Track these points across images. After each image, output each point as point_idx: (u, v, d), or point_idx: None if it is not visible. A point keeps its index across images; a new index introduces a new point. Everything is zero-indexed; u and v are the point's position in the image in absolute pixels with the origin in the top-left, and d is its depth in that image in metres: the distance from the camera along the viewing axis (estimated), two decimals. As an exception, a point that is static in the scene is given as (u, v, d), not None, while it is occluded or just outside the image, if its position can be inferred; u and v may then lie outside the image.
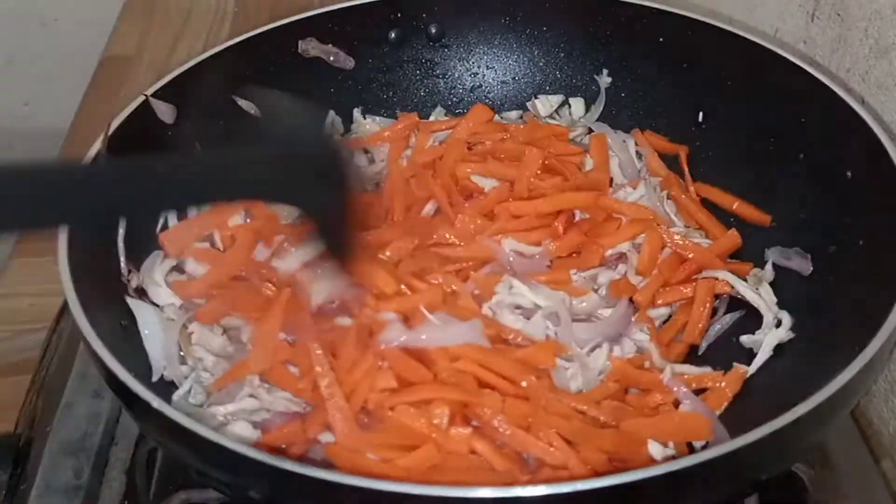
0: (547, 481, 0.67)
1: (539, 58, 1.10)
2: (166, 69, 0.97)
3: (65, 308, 0.98)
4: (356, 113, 1.09)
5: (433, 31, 1.10)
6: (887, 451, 0.89)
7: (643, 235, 0.91)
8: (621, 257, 0.92)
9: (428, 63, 1.11)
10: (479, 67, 1.12)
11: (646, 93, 1.06)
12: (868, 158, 0.82)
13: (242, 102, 1.02)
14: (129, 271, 0.86)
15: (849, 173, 0.85)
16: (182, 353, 0.84)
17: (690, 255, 0.91)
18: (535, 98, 1.10)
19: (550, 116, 1.09)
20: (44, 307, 1.03)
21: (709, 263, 0.90)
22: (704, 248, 0.91)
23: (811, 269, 0.88)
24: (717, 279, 0.89)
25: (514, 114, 1.11)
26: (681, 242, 0.91)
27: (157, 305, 0.86)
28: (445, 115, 1.11)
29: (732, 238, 0.93)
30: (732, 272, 0.90)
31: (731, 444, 0.61)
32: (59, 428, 0.87)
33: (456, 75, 1.12)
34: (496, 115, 1.10)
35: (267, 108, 0.66)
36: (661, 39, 1.03)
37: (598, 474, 0.70)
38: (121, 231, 0.86)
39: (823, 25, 0.99)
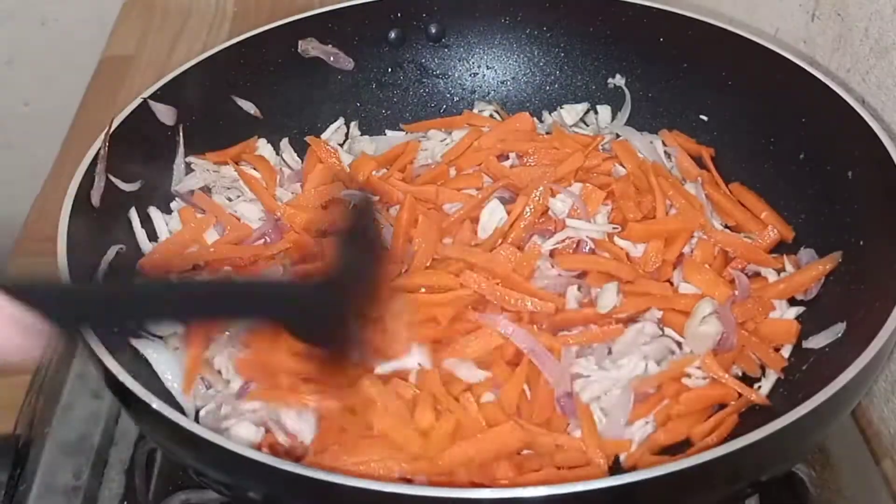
0: (546, 482, 0.67)
1: (539, 57, 1.10)
2: (166, 69, 0.97)
3: (64, 308, 0.98)
4: (353, 127, 1.09)
5: (433, 31, 1.10)
6: (887, 451, 0.89)
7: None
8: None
9: (428, 63, 1.11)
10: (479, 67, 1.12)
11: (645, 93, 1.06)
12: (868, 158, 0.82)
13: (242, 102, 1.02)
14: None
15: (849, 173, 0.85)
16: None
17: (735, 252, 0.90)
18: (561, 107, 1.09)
19: (576, 125, 1.08)
20: (43, 307, 1.03)
21: (757, 259, 0.90)
22: (752, 245, 0.91)
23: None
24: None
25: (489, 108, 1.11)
26: (729, 240, 0.90)
27: (160, 337, 0.83)
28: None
29: (775, 235, 0.92)
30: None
31: (732, 445, 0.61)
32: (58, 429, 0.87)
33: (456, 75, 1.12)
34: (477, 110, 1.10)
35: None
36: (661, 40, 1.03)
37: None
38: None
39: (824, 25, 0.99)
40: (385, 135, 1.10)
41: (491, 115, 1.10)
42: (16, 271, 1.12)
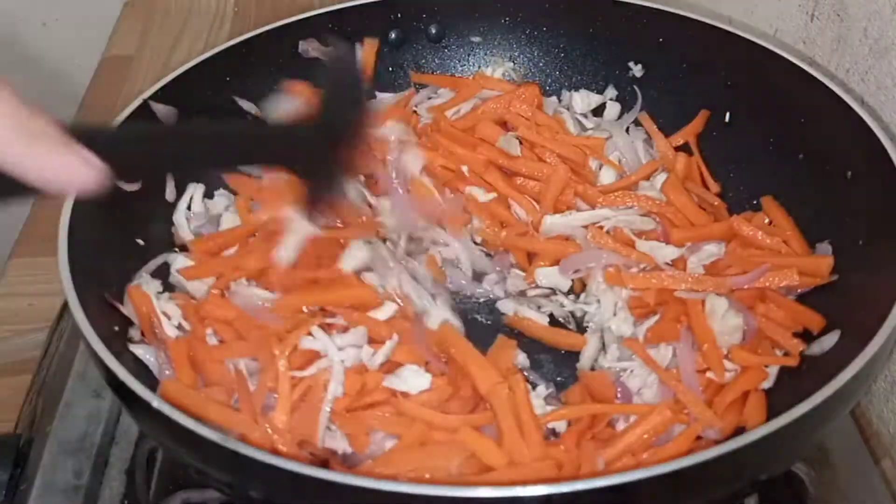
0: (545, 482, 0.67)
1: (539, 58, 1.10)
2: (166, 69, 0.97)
3: (65, 308, 0.98)
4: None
5: (433, 31, 1.10)
6: (887, 450, 0.89)
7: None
8: None
9: (428, 64, 1.11)
10: (479, 68, 1.12)
11: (645, 93, 1.06)
12: (868, 158, 0.82)
13: (242, 102, 1.02)
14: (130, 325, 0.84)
15: (848, 173, 0.86)
16: None
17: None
18: (576, 90, 1.09)
19: (584, 115, 1.07)
20: (44, 307, 1.03)
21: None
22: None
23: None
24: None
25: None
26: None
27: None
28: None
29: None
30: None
31: (731, 444, 0.61)
32: (58, 428, 0.87)
33: (456, 76, 1.12)
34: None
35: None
36: (660, 40, 1.04)
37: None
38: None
39: (823, 25, 0.99)
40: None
41: (503, 75, 1.10)
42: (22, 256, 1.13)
